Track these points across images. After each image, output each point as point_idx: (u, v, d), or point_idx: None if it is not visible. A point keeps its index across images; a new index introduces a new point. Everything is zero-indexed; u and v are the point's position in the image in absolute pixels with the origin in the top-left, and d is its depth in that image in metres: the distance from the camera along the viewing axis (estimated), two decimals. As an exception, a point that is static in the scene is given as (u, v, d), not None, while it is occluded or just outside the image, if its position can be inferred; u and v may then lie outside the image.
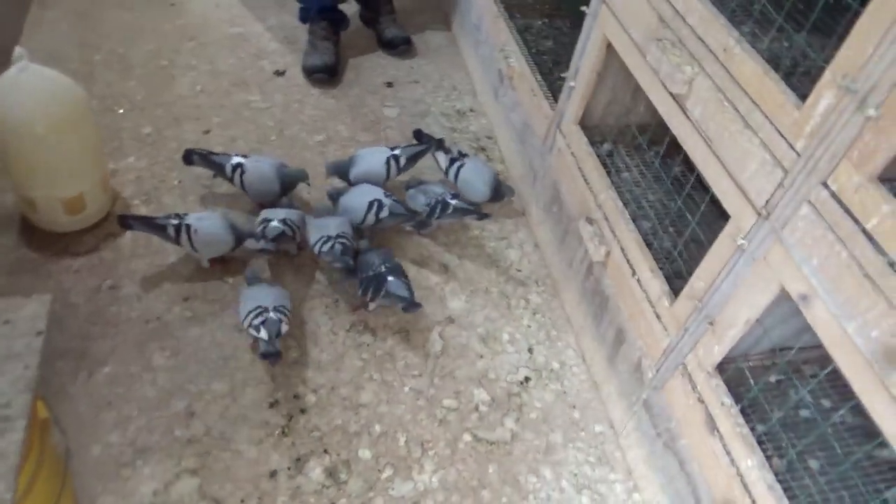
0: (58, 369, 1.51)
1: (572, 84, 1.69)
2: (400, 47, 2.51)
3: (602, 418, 1.61)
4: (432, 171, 2.07)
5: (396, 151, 1.94)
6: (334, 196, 1.88)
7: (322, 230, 1.71)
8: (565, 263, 1.80)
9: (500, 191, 2.00)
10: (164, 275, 1.73)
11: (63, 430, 1.21)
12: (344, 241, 1.70)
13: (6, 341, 1.05)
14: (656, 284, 1.39)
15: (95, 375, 1.51)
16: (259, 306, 1.55)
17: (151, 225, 1.68)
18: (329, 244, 1.68)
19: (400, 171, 1.95)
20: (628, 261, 1.48)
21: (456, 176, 1.96)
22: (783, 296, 1.06)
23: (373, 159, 1.94)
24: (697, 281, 1.25)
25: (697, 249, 1.46)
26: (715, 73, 1.18)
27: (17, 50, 1.49)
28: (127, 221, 1.69)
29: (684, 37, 1.26)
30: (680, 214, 1.58)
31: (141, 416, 1.47)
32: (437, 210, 1.87)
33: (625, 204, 1.57)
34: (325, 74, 2.32)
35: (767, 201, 1.07)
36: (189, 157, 1.87)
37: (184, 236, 1.66)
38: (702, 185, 1.41)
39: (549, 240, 1.90)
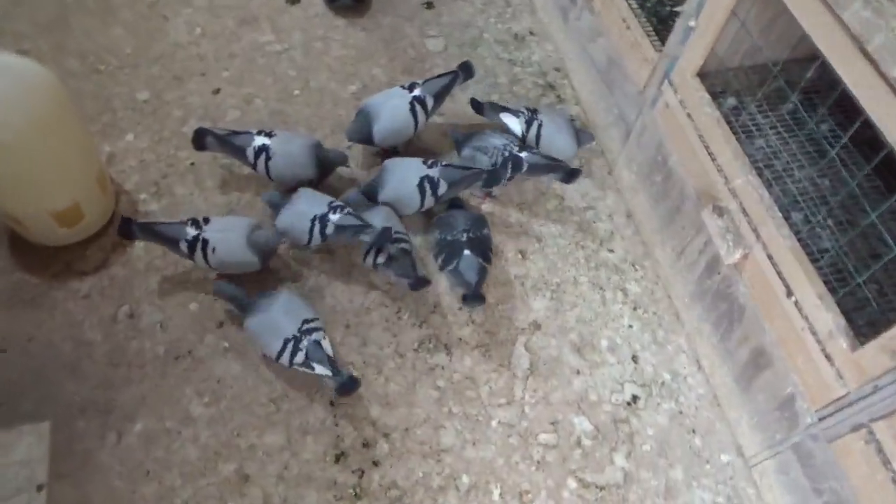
0: (80, 431, 1.26)
1: (692, 24, 1.27)
2: (438, -47, 2.02)
3: (728, 445, 1.35)
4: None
5: (418, 92, 1.56)
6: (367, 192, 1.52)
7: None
8: (674, 250, 1.47)
9: (580, 139, 1.63)
10: (188, 292, 1.43)
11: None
12: (404, 244, 1.40)
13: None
14: (827, 318, 1.06)
15: (126, 436, 1.26)
16: (284, 339, 1.26)
17: (160, 236, 1.37)
18: (383, 255, 1.38)
19: (429, 115, 1.59)
20: (780, 274, 1.15)
21: (538, 137, 1.59)
22: None
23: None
24: (908, 337, 0.93)
25: (879, 259, 1.11)
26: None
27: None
28: (130, 229, 1.37)
29: (913, -13, 0.85)
30: (842, 199, 1.22)
31: (186, 485, 1.23)
32: (508, 169, 1.52)
33: (767, 186, 1.21)
34: (351, 1, 1.87)
35: None
36: (201, 141, 1.51)
37: (198, 254, 1.35)
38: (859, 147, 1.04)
39: (649, 213, 1.55)
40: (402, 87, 1.58)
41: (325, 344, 1.28)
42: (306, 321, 1.28)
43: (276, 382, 1.34)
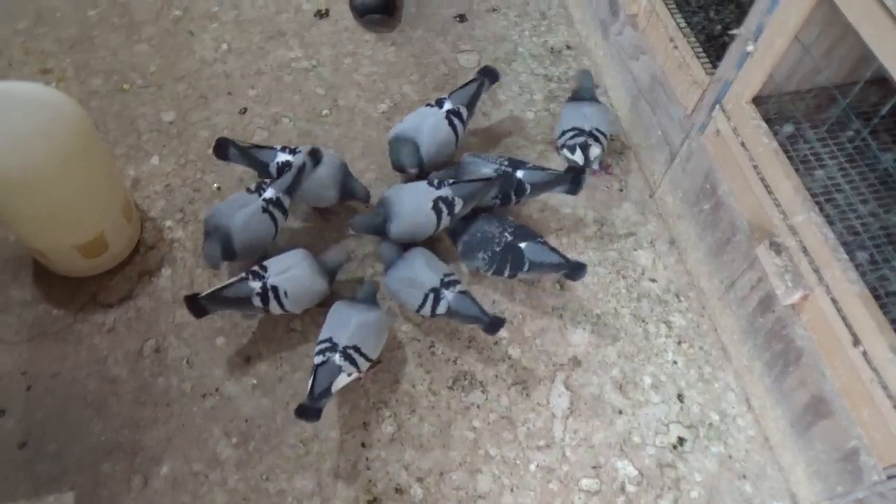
0: (105, 474, 1.22)
1: (750, 49, 1.19)
2: (470, -37, 1.95)
3: (781, 492, 1.28)
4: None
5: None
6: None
7: (417, 285, 1.32)
8: (722, 282, 1.39)
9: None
10: (215, 325, 1.38)
11: None
12: (459, 286, 1.33)
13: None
14: (902, 372, 0.98)
15: (152, 480, 1.22)
16: (329, 339, 1.23)
17: (231, 302, 1.29)
18: (443, 303, 1.30)
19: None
20: (845, 320, 1.07)
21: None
22: None
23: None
24: None
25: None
26: None
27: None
28: (200, 306, 1.27)
29: None
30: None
31: (215, 533, 1.19)
32: (513, 196, 1.45)
33: (829, 223, 1.13)
34: (381, 14, 1.81)
35: None
36: (223, 150, 1.45)
37: (273, 302, 1.29)
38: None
39: (694, 242, 1.47)
40: (430, 104, 1.52)
41: (343, 379, 1.22)
42: (357, 348, 1.24)
43: (307, 423, 1.28)
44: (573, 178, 1.46)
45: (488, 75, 1.58)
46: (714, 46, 1.41)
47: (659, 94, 1.53)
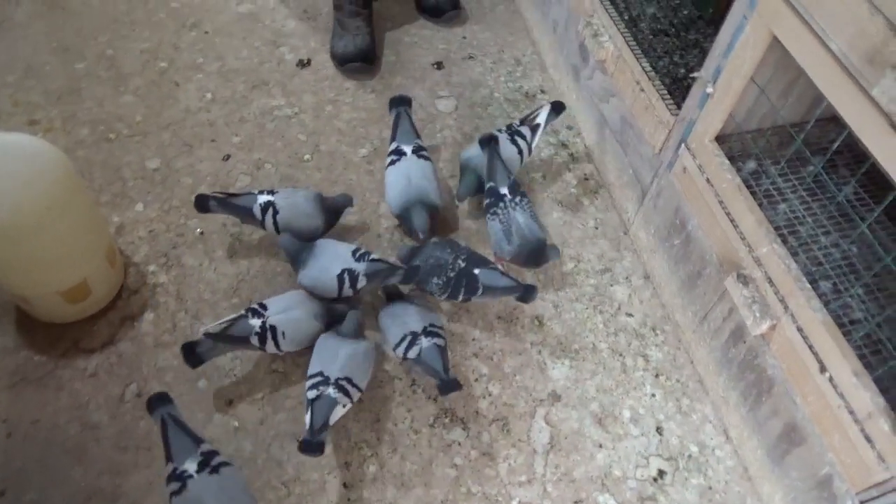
0: (85, 521, 1.22)
1: (709, 90, 1.25)
2: (447, 13, 2.03)
3: (762, 522, 1.29)
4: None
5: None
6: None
7: (402, 324, 1.34)
8: (696, 315, 1.42)
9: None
10: (197, 369, 1.39)
11: None
12: (438, 339, 1.33)
13: None
14: (865, 397, 1.01)
15: (132, 525, 1.22)
16: (320, 373, 1.24)
17: (231, 340, 1.32)
18: (416, 348, 1.31)
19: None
20: (811, 348, 1.10)
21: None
22: None
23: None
24: (957, 426, 0.87)
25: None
26: None
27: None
28: (196, 355, 1.32)
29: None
30: (870, 265, 1.18)
31: (195, 578, 1.18)
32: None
33: (792, 254, 1.17)
34: (361, 63, 1.87)
35: None
36: (204, 204, 1.49)
37: (270, 342, 1.32)
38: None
39: (668, 276, 1.51)
40: (395, 161, 1.56)
41: (339, 410, 1.24)
42: (349, 379, 1.26)
43: (288, 464, 1.29)
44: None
45: (402, 103, 1.64)
46: (679, 88, 1.48)
47: (629, 135, 1.58)
